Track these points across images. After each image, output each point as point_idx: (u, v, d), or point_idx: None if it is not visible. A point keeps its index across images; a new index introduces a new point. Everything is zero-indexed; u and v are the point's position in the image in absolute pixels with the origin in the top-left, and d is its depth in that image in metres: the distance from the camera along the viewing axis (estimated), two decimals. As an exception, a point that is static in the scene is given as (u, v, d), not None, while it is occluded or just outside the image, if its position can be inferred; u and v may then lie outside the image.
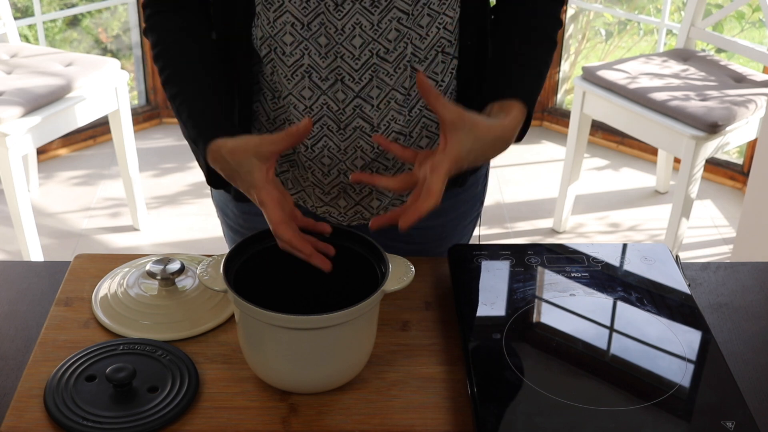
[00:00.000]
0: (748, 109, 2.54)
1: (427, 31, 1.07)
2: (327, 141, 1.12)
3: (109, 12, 3.86)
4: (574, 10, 3.57)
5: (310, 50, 1.06)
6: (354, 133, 1.11)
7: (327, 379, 0.95)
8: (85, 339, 1.03)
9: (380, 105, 1.09)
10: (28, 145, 2.50)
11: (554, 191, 3.12)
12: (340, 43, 1.05)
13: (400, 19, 1.05)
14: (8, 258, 2.77)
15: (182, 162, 3.35)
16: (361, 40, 1.05)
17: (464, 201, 1.28)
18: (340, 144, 1.12)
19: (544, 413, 0.89)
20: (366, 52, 1.06)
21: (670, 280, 1.11)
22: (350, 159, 1.13)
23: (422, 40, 1.07)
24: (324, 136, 1.11)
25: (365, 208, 1.20)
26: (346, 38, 1.05)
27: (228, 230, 1.33)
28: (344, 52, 1.06)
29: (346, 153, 1.13)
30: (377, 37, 1.05)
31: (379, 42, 1.06)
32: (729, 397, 0.92)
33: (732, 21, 3.72)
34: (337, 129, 1.11)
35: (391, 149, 1.01)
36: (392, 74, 1.08)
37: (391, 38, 1.06)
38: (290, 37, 1.06)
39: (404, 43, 1.06)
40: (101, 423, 0.90)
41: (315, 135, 1.12)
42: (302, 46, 1.06)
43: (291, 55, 1.07)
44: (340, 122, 1.10)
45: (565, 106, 3.68)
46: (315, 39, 1.06)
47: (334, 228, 1.01)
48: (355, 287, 0.96)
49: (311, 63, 1.07)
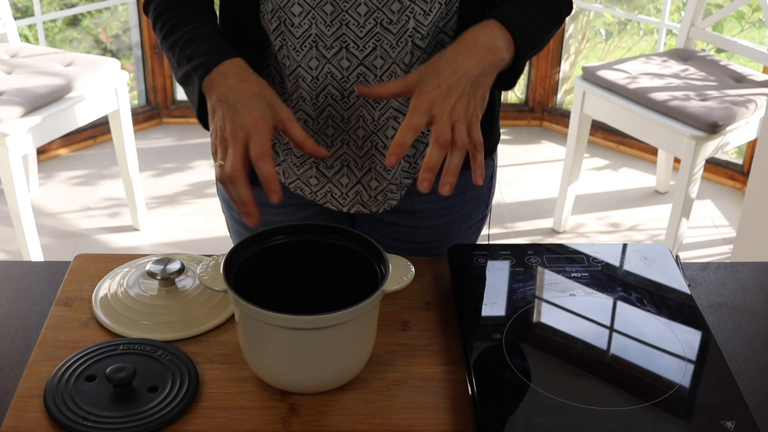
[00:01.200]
0: (748, 109, 2.54)
1: (430, 7, 1.08)
2: (331, 110, 1.14)
3: (109, 12, 3.86)
4: (575, 10, 3.57)
5: (317, 19, 1.08)
6: (357, 102, 1.13)
7: (327, 379, 0.95)
8: (85, 339, 1.03)
9: (383, 76, 1.11)
10: (28, 145, 2.50)
11: (554, 191, 3.12)
12: (345, 10, 1.07)
13: None
14: (8, 258, 2.77)
15: (182, 162, 3.35)
16: (366, 9, 1.07)
17: (469, 200, 1.27)
18: (343, 113, 1.14)
19: (544, 413, 0.89)
20: (371, 20, 1.08)
21: (670, 280, 1.11)
22: (353, 129, 1.15)
23: (425, 16, 1.08)
24: (328, 105, 1.14)
25: (365, 188, 1.20)
26: (351, 6, 1.07)
27: (233, 223, 1.33)
28: (349, 20, 1.08)
29: (349, 122, 1.14)
30: (381, 6, 1.07)
31: (383, 11, 1.07)
32: (729, 397, 0.92)
33: (732, 21, 3.72)
34: (341, 98, 1.13)
35: (373, 92, 1.03)
36: (395, 46, 1.09)
37: (394, 9, 1.07)
38: (298, 7, 1.08)
39: (406, 16, 1.08)
40: (101, 423, 0.90)
41: (320, 105, 1.14)
42: (310, 15, 1.08)
43: (299, 26, 1.09)
44: (344, 90, 1.12)
45: (565, 106, 3.68)
46: (321, 7, 1.07)
47: (334, 228, 1.01)
48: (355, 287, 0.96)
49: (318, 32, 1.09)
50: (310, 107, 1.15)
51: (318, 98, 1.13)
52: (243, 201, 0.96)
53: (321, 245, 1.02)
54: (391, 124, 1.15)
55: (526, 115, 3.67)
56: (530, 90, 3.64)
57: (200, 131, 3.52)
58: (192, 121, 3.58)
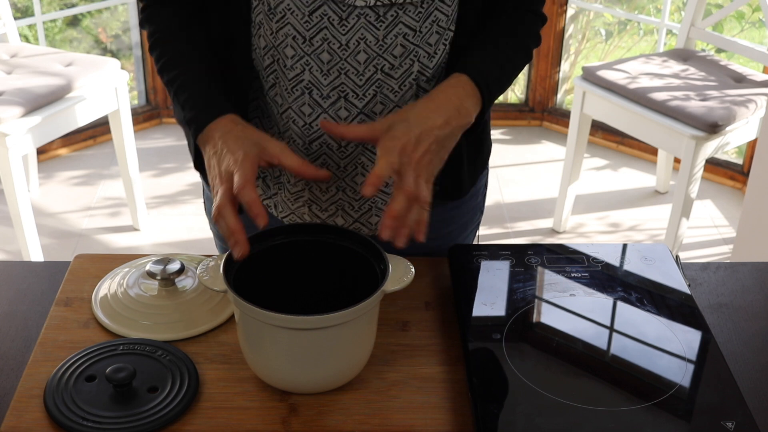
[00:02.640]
0: (748, 109, 2.54)
1: (435, 49, 1.05)
2: (326, 159, 1.11)
3: (109, 12, 3.86)
4: (574, 10, 3.57)
5: (312, 66, 1.04)
6: (355, 150, 1.10)
7: (327, 379, 0.95)
8: (85, 339, 1.03)
9: None
10: (28, 145, 2.50)
11: (554, 191, 3.12)
12: (344, 59, 1.03)
13: (407, 35, 1.03)
14: (8, 258, 2.77)
15: (182, 162, 3.35)
16: (366, 56, 1.03)
17: (464, 213, 1.27)
18: (339, 162, 1.11)
19: (544, 413, 0.89)
20: (370, 67, 1.04)
21: (670, 280, 1.11)
22: (350, 176, 1.12)
23: (430, 59, 1.06)
24: (323, 154, 1.10)
25: (364, 225, 1.18)
26: (351, 54, 1.03)
27: (219, 241, 1.31)
28: (348, 68, 1.04)
29: (346, 170, 1.12)
30: (382, 52, 1.03)
31: (384, 58, 1.04)
32: (729, 397, 0.92)
33: (732, 21, 3.72)
34: (338, 147, 1.09)
35: (337, 131, 1.00)
36: (397, 91, 1.06)
37: (396, 54, 1.04)
38: (291, 50, 1.04)
39: (410, 60, 1.05)
40: (101, 423, 0.90)
41: (314, 152, 1.10)
42: (303, 61, 1.04)
43: (291, 69, 1.05)
44: (342, 140, 1.09)
45: (565, 106, 3.68)
46: (317, 55, 1.04)
47: (334, 228, 1.01)
48: (355, 287, 0.96)
49: (312, 79, 1.05)
50: (302, 151, 1.11)
51: (311, 145, 1.10)
52: (231, 230, 0.94)
53: (321, 245, 1.02)
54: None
55: (526, 115, 3.67)
56: (530, 90, 3.64)
57: (200, 131, 3.52)
58: (192, 121, 3.59)
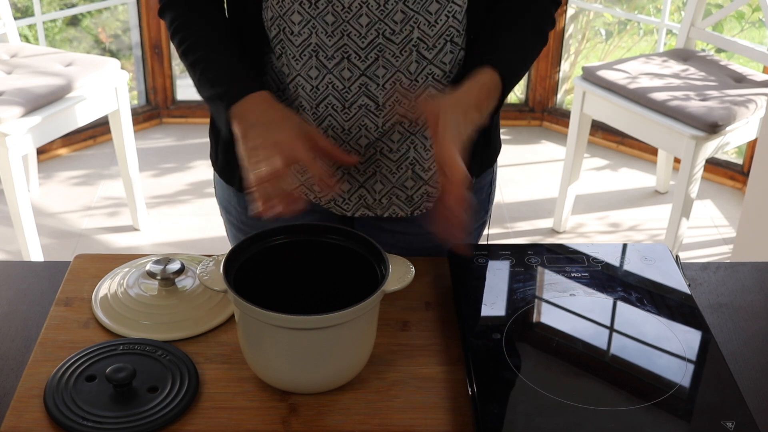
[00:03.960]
0: (748, 109, 2.54)
1: (435, 18, 1.08)
2: (331, 120, 1.14)
3: (109, 12, 3.86)
4: (574, 10, 3.57)
5: (317, 29, 1.08)
6: (359, 112, 1.13)
7: (327, 379, 0.95)
8: (85, 339, 1.03)
9: (386, 85, 1.11)
10: (28, 145, 2.50)
11: (554, 191, 3.12)
12: (346, 21, 1.07)
13: (407, 2, 1.06)
14: (8, 258, 2.77)
15: (182, 162, 3.35)
16: (368, 20, 1.07)
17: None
18: (344, 123, 1.14)
19: (544, 413, 0.89)
20: (372, 31, 1.08)
21: (670, 280, 1.11)
22: (354, 138, 1.15)
23: (431, 27, 1.08)
24: (329, 115, 1.13)
25: (368, 191, 1.20)
26: (353, 16, 1.07)
27: (231, 228, 1.33)
28: (351, 30, 1.08)
29: (350, 133, 1.14)
30: (383, 17, 1.07)
31: (385, 22, 1.07)
32: (729, 397, 0.92)
33: (732, 21, 3.72)
34: (342, 108, 1.13)
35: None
36: (398, 56, 1.09)
37: (397, 20, 1.07)
38: (298, 16, 1.08)
39: (410, 26, 1.08)
40: (101, 423, 0.90)
41: (320, 115, 1.14)
42: (310, 24, 1.08)
43: (299, 34, 1.09)
44: (345, 101, 1.12)
45: (565, 106, 3.68)
46: (322, 17, 1.07)
47: (334, 228, 1.01)
48: (355, 287, 0.96)
49: (318, 42, 1.09)
50: (310, 117, 1.15)
51: (318, 108, 1.13)
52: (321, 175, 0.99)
53: (321, 245, 1.02)
54: (397, 129, 1.15)
55: (526, 115, 3.67)
56: (530, 90, 3.64)
57: (200, 131, 3.52)
58: (192, 121, 3.59)
